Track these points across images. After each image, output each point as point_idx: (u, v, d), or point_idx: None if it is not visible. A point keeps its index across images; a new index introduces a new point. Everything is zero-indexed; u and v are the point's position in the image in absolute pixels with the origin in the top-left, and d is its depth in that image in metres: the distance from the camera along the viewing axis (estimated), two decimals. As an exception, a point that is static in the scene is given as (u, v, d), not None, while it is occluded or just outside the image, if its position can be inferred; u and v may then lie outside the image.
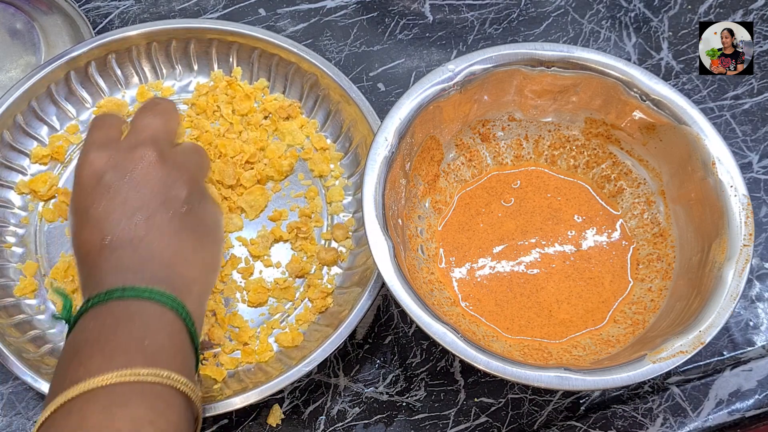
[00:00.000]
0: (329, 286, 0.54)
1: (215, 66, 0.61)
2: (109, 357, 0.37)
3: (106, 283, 0.40)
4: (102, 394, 0.35)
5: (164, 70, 0.61)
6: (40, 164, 0.57)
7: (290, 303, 0.53)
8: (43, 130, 0.58)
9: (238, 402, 0.46)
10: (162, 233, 0.42)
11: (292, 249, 0.55)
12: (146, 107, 0.47)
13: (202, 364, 0.42)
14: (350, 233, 0.56)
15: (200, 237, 0.44)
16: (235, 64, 0.60)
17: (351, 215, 0.56)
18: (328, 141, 0.59)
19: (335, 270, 0.55)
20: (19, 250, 0.54)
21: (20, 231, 0.55)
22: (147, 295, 0.39)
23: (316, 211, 0.56)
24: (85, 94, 0.59)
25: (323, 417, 0.51)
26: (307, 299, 0.53)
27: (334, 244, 0.55)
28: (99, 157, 0.43)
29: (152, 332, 0.38)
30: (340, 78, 0.57)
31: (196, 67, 0.61)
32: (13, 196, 0.56)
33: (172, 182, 0.43)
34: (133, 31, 0.58)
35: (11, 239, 0.54)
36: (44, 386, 0.47)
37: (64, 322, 0.42)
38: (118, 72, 0.60)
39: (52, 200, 0.56)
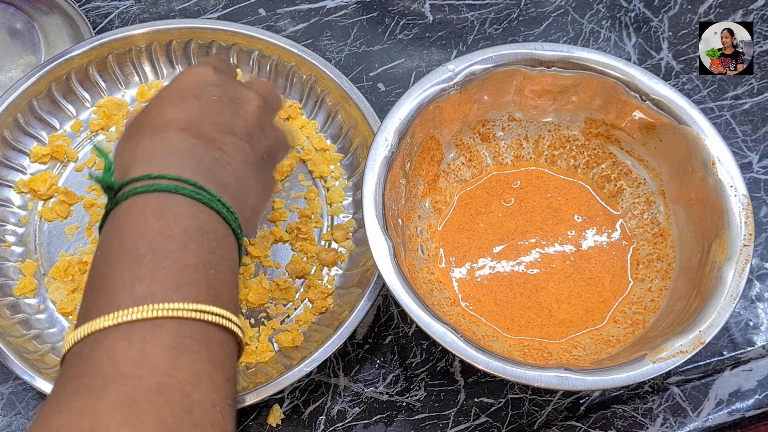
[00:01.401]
0: (329, 286, 0.54)
1: None
2: (177, 282, 0.32)
3: (180, 167, 0.35)
4: (167, 329, 0.31)
5: (164, 70, 0.61)
6: (40, 163, 0.57)
7: (290, 303, 0.53)
8: (43, 130, 0.58)
9: (238, 402, 0.46)
10: (241, 157, 0.39)
11: (292, 250, 0.55)
12: (266, 82, 0.47)
13: None
14: (350, 234, 0.56)
15: (266, 179, 0.43)
16: (235, 65, 0.60)
17: (351, 216, 0.56)
18: (328, 142, 0.59)
19: (335, 271, 0.55)
20: (18, 249, 0.54)
21: (20, 230, 0.55)
22: (218, 208, 0.35)
23: (316, 212, 0.56)
24: (85, 94, 0.59)
25: (323, 417, 0.51)
26: (307, 300, 0.53)
27: (334, 245, 0.55)
28: (216, 74, 0.42)
29: (218, 258, 0.34)
30: (340, 79, 0.57)
31: None
32: (13, 195, 0.56)
33: (264, 132, 0.42)
34: (133, 31, 0.58)
35: (11, 238, 0.54)
36: (44, 385, 0.47)
37: (103, 186, 0.36)
38: (118, 72, 0.60)
39: (52, 199, 0.56)
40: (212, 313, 0.32)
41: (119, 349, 0.30)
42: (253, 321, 0.53)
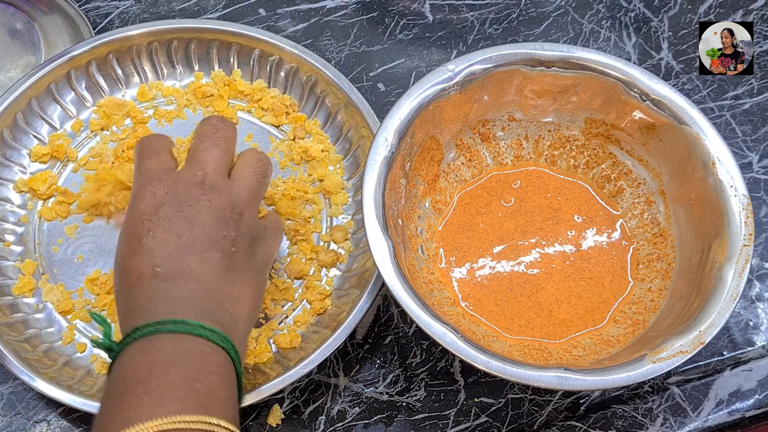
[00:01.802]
0: (328, 288, 0.54)
1: (216, 66, 0.61)
2: (161, 400, 0.35)
3: (157, 312, 0.39)
4: None
5: (165, 70, 0.61)
6: (40, 163, 0.57)
7: (289, 304, 0.53)
8: (44, 129, 0.58)
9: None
10: (212, 270, 0.42)
11: (289, 249, 0.55)
12: (206, 133, 0.47)
13: (240, 400, 0.42)
14: (350, 235, 0.56)
15: (249, 277, 0.44)
16: (235, 65, 0.60)
17: (350, 217, 0.56)
18: (329, 142, 0.59)
19: (334, 272, 0.54)
20: (17, 248, 0.54)
21: (19, 229, 0.55)
22: (199, 332, 0.38)
23: (315, 214, 0.56)
24: (85, 93, 0.59)
25: (323, 417, 0.51)
26: (305, 301, 0.53)
27: (333, 246, 0.55)
28: (158, 188, 0.44)
29: (203, 374, 0.37)
30: (340, 79, 0.57)
31: (196, 67, 0.61)
32: (13, 194, 0.56)
33: (223, 223, 0.43)
34: (133, 31, 0.58)
35: (10, 237, 0.54)
36: (42, 385, 0.47)
37: (104, 349, 0.41)
38: (119, 71, 0.60)
39: (51, 199, 0.56)
40: (194, 421, 0.35)
41: None
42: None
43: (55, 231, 0.55)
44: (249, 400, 0.46)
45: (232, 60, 0.60)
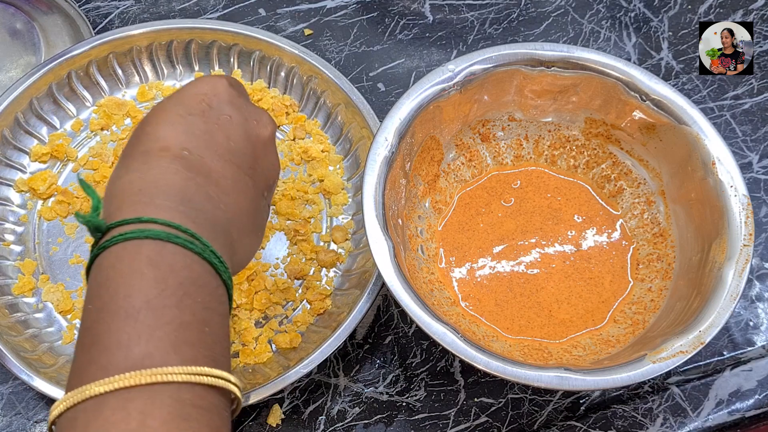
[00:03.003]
0: (328, 288, 0.54)
1: (216, 66, 0.61)
2: (174, 342, 0.30)
3: (170, 206, 0.33)
4: (167, 395, 0.29)
5: (165, 70, 0.61)
6: (40, 162, 0.57)
7: (289, 304, 0.53)
8: (43, 129, 0.58)
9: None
10: (236, 185, 0.37)
11: (289, 248, 0.55)
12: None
13: None
14: (350, 235, 0.56)
15: (257, 218, 0.40)
16: (235, 65, 0.60)
17: (350, 217, 0.56)
18: (329, 142, 0.59)
19: (334, 272, 0.54)
20: (17, 248, 0.54)
21: (19, 229, 0.55)
22: (211, 260, 0.33)
23: (315, 214, 0.56)
24: (85, 93, 0.59)
25: (323, 417, 0.51)
26: (305, 301, 0.53)
27: (333, 246, 0.55)
28: (232, 93, 0.39)
29: (211, 315, 0.32)
30: (340, 80, 0.57)
31: (197, 68, 0.61)
32: (12, 194, 0.56)
33: (269, 162, 0.40)
34: (134, 31, 0.58)
35: (10, 237, 0.54)
36: (41, 385, 0.47)
37: (90, 226, 0.33)
38: (119, 71, 0.60)
39: (51, 199, 0.56)
40: (211, 375, 0.30)
41: (118, 422, 0.28)
42: (253, 321, 0.53)
43: (55, 231, 0.55)
44: (248, 400, 0.46)
45: (232, 60, 0.60)
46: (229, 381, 0.31)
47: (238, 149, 0.37)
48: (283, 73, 0.60)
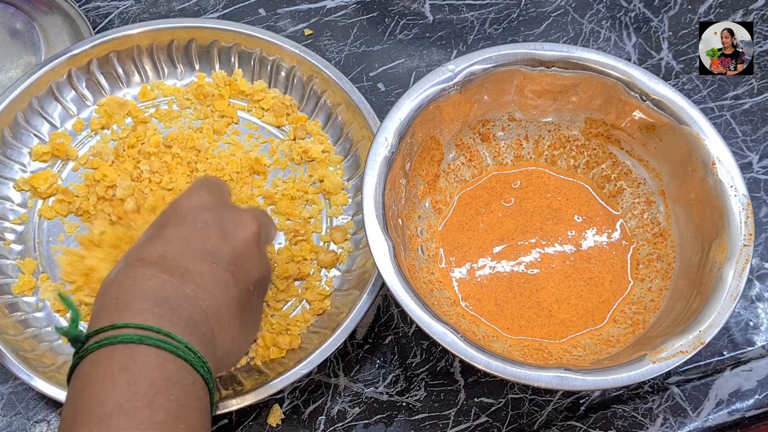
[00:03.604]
0: (328, 288, 0.54)
1: (217, 66, 0.61)
2: None
3: (143, 309, 0.35)
4: None
5: (166, 69, 0.61)
6: (41, 161, 0.57)
7: (289, 304, 0.53)
8: (44, 128, 0.58)
9: (238, 402, 0.46)
10: (215, 283, 0.38)
11: (289, 248, 0.55)
12: (263, 211, 0.47)
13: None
14: (349, 236, 0.56)
15: (244, 317, 0.41)
16: (236, 65, 0.60)
17: (350, 218, 0.56)
18: (330, 142, 0.59)
19: (334, 272, 0.54)
20: (17, 247, 0.54)
21: (19, 228, 0.55)
22: (185, 356, 0.34)
23: (315, 214, 0.56)
24: (86, 92, 0.59)
25: (323, 417, 0.51)
26: (305, 301, 0.53)
27: (333, 247, 0.55)
28: (211, 198, 0.42)
29: (186, 411, 0.33)
30: (341, 80, 0.57)
31: (197, 67, 0.61)
32: (13, 193, 0.56)
33: (253, 261, 0.41)
34: (134, 30, 0.58)
35: (10, 236, 0.54)
36: (41, 384, 0.47)
37: (69, 338, 0.36)
38: (120, 70, 0.60)
39: (51, 198, 0.56)
40: None
41: None
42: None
43: (55, 230, 0.55)
44: (249, 400, 0.46)
45: (232, 60, 0.60)
46: None
47: (215, 249, 0.40)
48: (283, 73, 0.60)
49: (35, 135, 0.57)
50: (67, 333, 0.36)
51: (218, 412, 0.46)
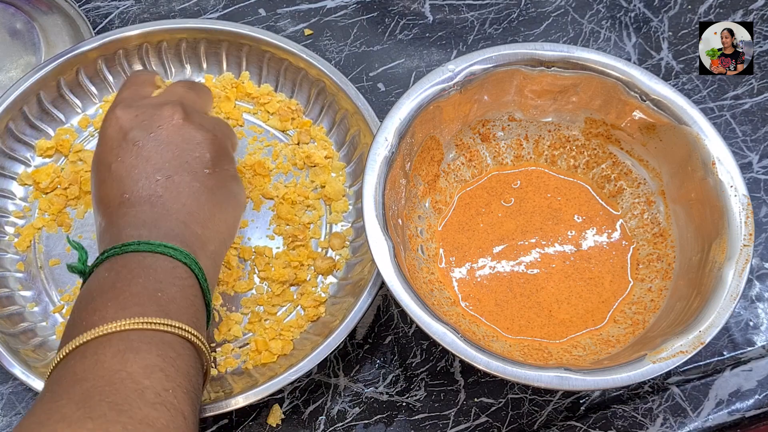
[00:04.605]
0: (323, 295, 0.53)
1: (224, 67, 0.60)
2: (123, 305, 0.38)
3: (122, 236, 0.41)
4: (116, 340, 0.36)
5: (173, 69, 0.60)
6: (45, 157, 0.57)
7: (283, 309, 0.53)
8: (49, 125, 0.58)
9: (238, 402, 0.46)
10: (179, 193, 0.43)
11: (287, 253, 0.55)
12: (182, 82, 0.49)
13: (208, 317, 0.43)
14: (348, 243, 0.55)
15: (219, 200, 0.45)
16: (244, 66, 0.60)
17: (350, 225, 0.56)
18: (333, 148, 0.59)
19: (330, 279, 0.54)
20: (16, 239, 0.55)
21: (20, 222, 0.55)
22: (161, 250, 0.40)
23: (315, 219, 0.56)
24: (93, 89, 0.59)
25: (323, 417, 0.51)
26: (299, 307, 0.53)
27: (330, 253, 0.55)
28: (127, 113, 0.45)
29: (165, 285, 0.39)
30: (347, 86, 0.56)
31: (205, 66, 0.61)
32: (15, 187, 0.56)
33: (196, 144, 0.44)
34: (134, 31, 0.58)
35: (10, 230, 0.55)
36: (34, 382, 0.47)
37: (78, 273, 0.43)
38: (126, 68, 0.60)
39: (53, 192, 0.56)
40: (156, 322, 0.37)
41: (76, 363, 0.36)
42: (250, 325, 0.52)
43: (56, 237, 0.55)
44: (249, 400, 0.46)
45: (242, 61, 0.60)
46: (176, 327, 0.38)
47: (157, 162, 0.44)
48: (290, 77, 0.59)
49: (35, 136, 0.57)
50: (77, 270, 0.43)
51: (219, 412, 0.46)
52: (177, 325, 0.38)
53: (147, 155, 0.43)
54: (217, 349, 0.51)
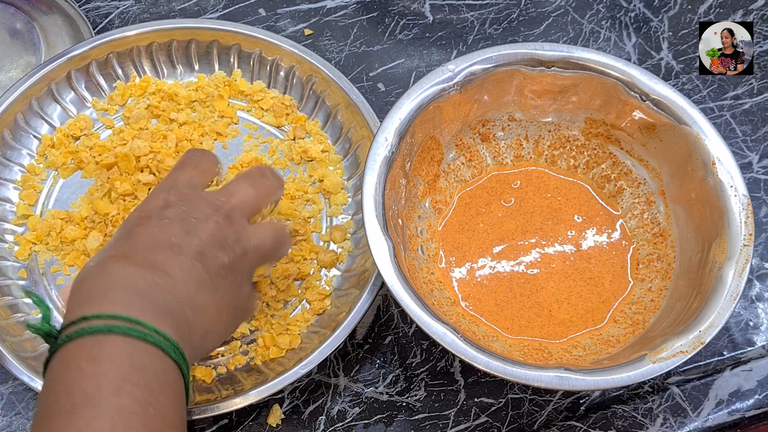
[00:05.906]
0: (328, 288, 0.54)
1: (216, 66, 0.61)
2: (112, 428, 0.32)
3: (112, 299, 0.36)
4: None
5: (165, 70, 0.61)
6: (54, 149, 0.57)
7: (289, 304, 0.53)
8: (44, 129, 0.58)
9: (238, 402, 0.46)
10: (186, 276, 0.39)
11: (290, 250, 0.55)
12: (251, 174, 0.46)
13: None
14: (349, 235, 0.56)
15: (222, 297, 0.41)
16: (235, 65, 0.60)
17: (350, 217, 0.56)
18: (329, 142, 0.59)
19: (334, 272, 0.54)
20: (17, 248, 0.54)
21: (19, 229, 0.55)
22: (154, 340, 0.35)
23: (315, 213, 0.56)
24: (85, 93, 0.59)
25: (323, 417, 0.51)
26: (305, 301, 0.53)
27: (332, 246, 0.55)
28: (172, 196, 0.42)
29: (156, 396, 0.34)
30: (340, 80, 0.57)
31: (197, 67, 0.61)
32: (12, 194, 0.56)
33: (223, 248, 0.41)
34: (134, 31, 0.58)
35: (10, 237, 0.54)
36: (40, 385, 0.46)
37: (42, 335, 0.36)
38: (119, 71, 0.60)
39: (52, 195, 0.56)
40: None
41: None
42: (256, 321, 0.53)
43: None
44: (249, 400, 0.46)
45: (232, 60, 0.60)
46: None
47: (180, 242, 0.40)
48: (282, 73, 0.60)
49: (34, 136, 0.57)
50: (39, 330, 0.36)
51: (219, 412, 0.46)
52: None
53: (171, 232, 0.40)
54: (224, 347, 0.51)
